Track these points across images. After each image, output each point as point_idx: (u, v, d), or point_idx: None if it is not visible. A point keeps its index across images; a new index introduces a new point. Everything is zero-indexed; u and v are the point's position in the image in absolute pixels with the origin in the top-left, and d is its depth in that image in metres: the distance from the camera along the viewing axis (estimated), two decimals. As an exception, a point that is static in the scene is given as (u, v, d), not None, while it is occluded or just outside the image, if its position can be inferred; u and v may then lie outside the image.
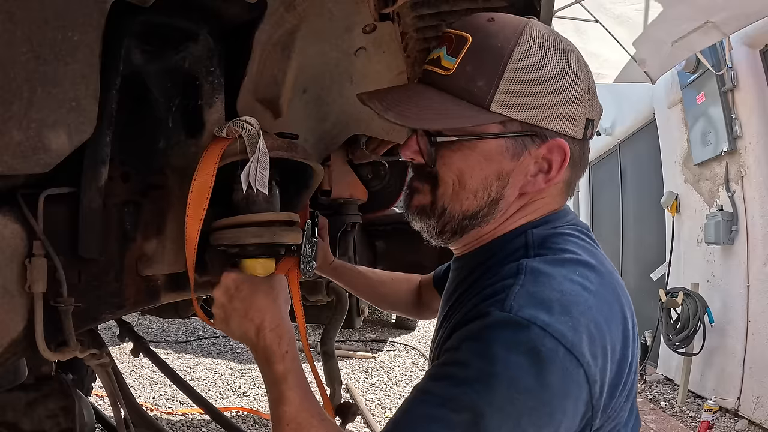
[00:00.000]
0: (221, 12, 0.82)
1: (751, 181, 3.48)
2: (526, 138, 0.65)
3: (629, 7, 3.26)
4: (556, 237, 0.67)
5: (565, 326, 0.56)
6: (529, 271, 0.61)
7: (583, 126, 0.67)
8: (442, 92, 0.66)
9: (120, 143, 0.78)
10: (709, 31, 3.04)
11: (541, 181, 0.67)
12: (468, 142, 0.65)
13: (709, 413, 3.25)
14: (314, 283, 1.72)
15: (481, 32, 0.65)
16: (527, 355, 0.54)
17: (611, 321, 0.62)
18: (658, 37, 3.33)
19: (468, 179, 0.67)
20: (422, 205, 0.72)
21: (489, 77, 0.63)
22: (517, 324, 0.56)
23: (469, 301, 0.65)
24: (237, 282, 0.76)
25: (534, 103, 0.63)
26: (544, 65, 0.63)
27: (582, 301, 0.59)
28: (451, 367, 0.59)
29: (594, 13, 3.47)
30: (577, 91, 0.65)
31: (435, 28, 1.28)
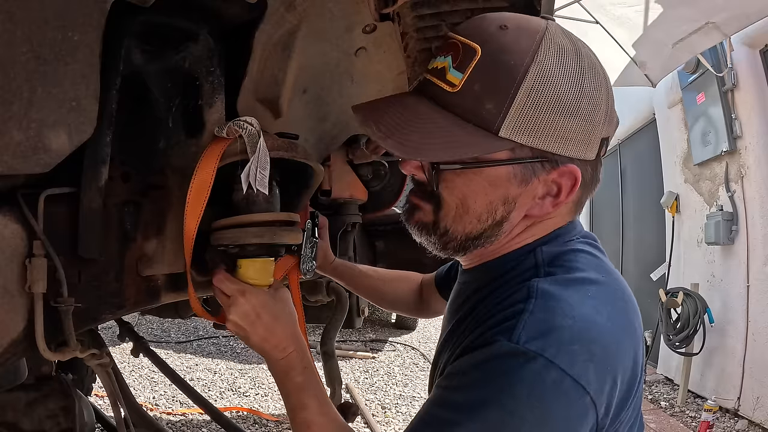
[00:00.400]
0: (221, 12, 0.82)
1: (751, 181, 3.48)
2: (536, 164, 0.61)
3: (629, 8, 3.25)
4: (566, 254, 0.65)
5: (572, 356, 0.55)
6: (540, 295, 0.59)
7: (598, 146, 0.62)
8: (445, 112, 0.60)
9: (120, 143, 0.78)
10: (709, 32, 3.03)
11: (549, 204, 0.64)
12: (473, 169, 0.61)
13: (709, 413, 3.25)
14: (314, 283, 1.72)
15: (492, 43, 0.58)
16: (532, 387, 0.54)
17: (622, 342, 0.61)
18: (658, 38, 3.31)
19: (472, 204, 0.64)
20: (423, 222, 0.69)
21: (499, 100, 0.57)
22: (524, 355, 0.54)
23: (478, 322, 0.63)
24: (256, 308, 0.78)
25: (548, 128, 0.58)
26: (561, 86, 0.57)
27: (593, 327, 0.58)
28: (455, 393, 0.59)
29: (594, 14, 3.46)
30: (594, 112, 0.59)
31: (435, 28, 1.28)
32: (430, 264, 1.79)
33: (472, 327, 0.64)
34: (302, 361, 0.79)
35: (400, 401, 3.79)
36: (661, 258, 4.78)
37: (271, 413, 3.44)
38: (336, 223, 1.52)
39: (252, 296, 0.79)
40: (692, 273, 4.12)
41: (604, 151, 0.64)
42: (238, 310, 0.78)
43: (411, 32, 1.27)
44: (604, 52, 3.70)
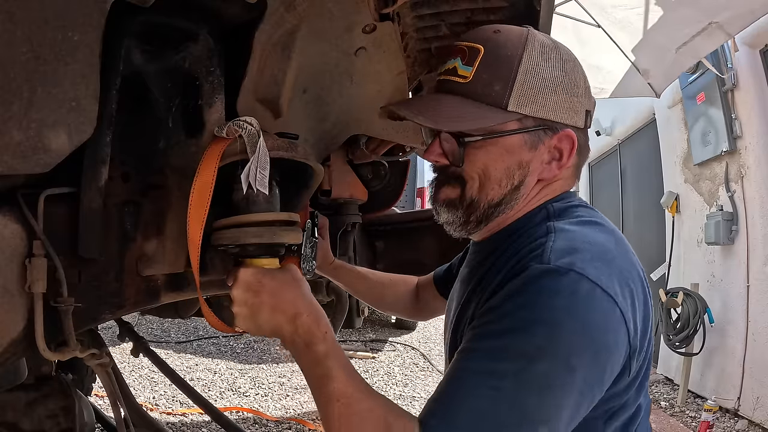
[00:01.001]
0: (221, 12, 0.82)
1: (751, 181, 3.48)
2: (539, 131, 0.74)
3: (631, 11, 3.22)
4: (572, 208, 0.76)
5: (598, 270, 0.63)
6: (559, 230, 0.69)
7: (584, 116, 0.77)
8: (462, 97, 0.74)
9: (120, 143, 0.78)
10: (713, 33, 2.98)
11: (555, 167, 0.76)
12: (491, 139, 0.73)
13: (709, 413, 3.25)
14: (314, 283, 1.72)
15: (490, 43, 0.73)
16: (568, 298, 0.61)
17: (632, 272, 0.69)
18: (661, 44, 3.27)
19: (493, 171, 0.75)
20: (450, 198, 0.78)
21: (504, 81, 0.71)
22: (555, 272, 0.62)
23: (503, 268, 0.71)
24: (258, 277, 0.75)
25: (543, 100, 0.72)
26: (548, 68, 0.73)
27: (608, 251, 0.68)
28: (494, 323, 0.64)
29: (595, 16, 3.43)
30: (576, 87, 0.75)
31: (435, 28, 1.28)
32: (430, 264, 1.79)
33: (495, 275, 0.72)
34: (320, 327, 0.73)
35: (400, 401, 3.79)
36: (661, 258, 4.78)
37: (271, 413, 3.44)
38: (336, 223, 1.52)
39: (252, 268, 0.77)
40: (692, 273, 4.12)
41: (589, 122, 0.79)
42: (240, 284, 0.75)
43: (411, 32, 1.27)
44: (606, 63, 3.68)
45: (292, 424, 3.27)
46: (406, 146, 1.48)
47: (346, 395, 0.68)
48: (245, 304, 0.76)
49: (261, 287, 0.75)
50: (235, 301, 0.76)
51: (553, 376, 0.59)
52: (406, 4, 1.13)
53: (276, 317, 0.74)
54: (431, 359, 4.92)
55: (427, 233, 1.79)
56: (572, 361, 0.60)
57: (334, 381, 0.69)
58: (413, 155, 1.72)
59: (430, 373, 4.54)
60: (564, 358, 0.59)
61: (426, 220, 1.81)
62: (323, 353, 0.71)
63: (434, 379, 4.33)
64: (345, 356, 0.73)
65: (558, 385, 0.60)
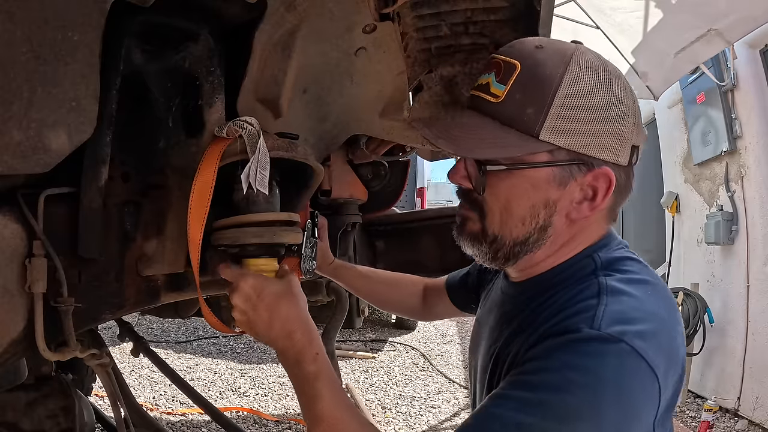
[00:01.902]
0: (221, 12, 0.82)
1: (751, 181, 3.47)
2: (573, 166, 0.65)
3: (630, 14, 3.21)
4: (620, 260, 0.69)
5: (647, 344, 0.59)
6: (610, 291, 0.64)
7: (629, 153, 0.67)
8: (491, 119, 0.66)
9: (120, 143, 0.78)
10: (712, 40, 2.97)
11: (586, 208, 0.68)
12: (517, 170, 0.66)
13: (709, 413, 3.25)
14: (314, 283, 1.72)
15: (529, 60, 0.65)
16: (614, 370, 0.58)
17: (677, 338, 0.66)
18: (659, 48, 3.25)
19: (515, 207, 0.68)
20: (473, 232, 0.73)
21: (538, 106, 0.63)
22: (606, 340, 0.58)
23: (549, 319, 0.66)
24: (257, 289, 0.76)
25: (582, 131, 0.63)
26: (592, 94, 0.63)
27: (659, 321, 0.63)
28: (534, 375, 0.61)
29: (594, 18, 3.43)
30: (623, 119, 0.65)
31: (435, 28, 1.28)
32: (430, 265, 1.79)
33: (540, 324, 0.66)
34: (312, 346, 0.74)
35: (400, 401, 3.79)
36: (661, 258, 4.78)
37: (271, 413, 3.44)
38: (336, 223, 1.52)
39: (252, 278, 0.77)
40: (692, 273, 4.12)
41: (635, 159, 0.69)
42: (239, 294, 0.76)
43: (411, 32, 1.27)
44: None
45: (292, 424, 3.27)
46: (406, 146, 1.48)
47: (333, 417, 0.68)
48: (244, 314, 0.77)
49: (259, 301, 0.76)
50: (235, 308, 0.77)
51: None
52: (406, 4, 1.13)
53: (271, 332, 0.76)
54: (431, 359, 4.92)
55: (427, 233, 1.78)
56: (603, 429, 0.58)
57: (321, 401, 0.69)
58: (413, 155, 1.71)
59: (430, 373, 4.54)
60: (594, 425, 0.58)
61: (426, 220, 1.81)
62: (313, 374, 0.72)
63: (434, 379, 4.33)
64: (335, 378, 0.74)
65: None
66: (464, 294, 1.09)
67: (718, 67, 3.59)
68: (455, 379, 4.35)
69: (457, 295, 1.14)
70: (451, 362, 4.90)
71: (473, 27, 1.29)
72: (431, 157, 1.83)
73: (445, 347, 5.47)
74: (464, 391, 4.07)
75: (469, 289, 1.06)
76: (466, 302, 1.10)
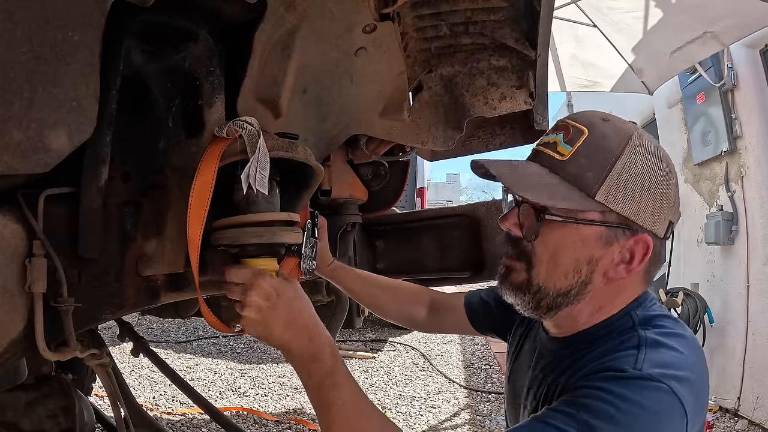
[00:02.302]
0: (221, 12, 0.82)
1: (751, 181, 3.48)
2: (619, 229, 0.72)
3: (627, 14, 3.23)
4: (656, 317, 0.75)
5: (684, 389, 0.65)
6: (650, 343, 0.70)
7: (666, 227, 0.75)
8: (554, 174, 0.73)
9: (120, 143, 0.78)
10: (707, 42, 3.00)
11: (623, 270, 0.74)
12: (570, 224, 0.72)
13: (709, 413, 3.25)
14: (314, 283, 1.72)
15: (596, 129, 0.73)
16: (654, 406, 0.63)
17: (706, 388, 0.73)
18: (656, 47, 3.28)
19: (562, 259, 0.74)
20: (518, 283, 0.78)
21: (599, 170, 0.70)
22: (649, 379, 0.64)
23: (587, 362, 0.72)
24: (277, 289, 0.76)
25: (632, 200, 0.71)
26: (645, 170, 0.71)
27: (694, 370, 0.69)
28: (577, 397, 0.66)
29: (592, 17, 3.44)
30: (667, 197, 0.73)
31: (435, 28, 1.28)
32: (430, 265, 1.79)
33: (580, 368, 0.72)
34: (329, 345, 0.75)
35: (400, 401, 3.79)
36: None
37: (271, 413, 3.44)
38: (336, 223, 1.52)
39: (269, 277, 0.77)
40: (692, 273, 4.12)
41: (669, 234, 0.77)
42: (259, 292, 0.75)
43: (411, 32, 1.27)
44: (601, 59, 3.71)
45: (292, 424, 3.27)
46: (406, 146, 1.48)
47: (357, 406, 0.71)
48: (259, 312, 0.75)
49: (279, 300, 0.75)
50: (249, 306, 0.75)
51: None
52: (406, 4, 1.13)
53: (287, 332, 0.75)
54: (431, 359, 4.92)
55: (427, 233, 1.78)
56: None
57: (343, 391, 0.72)
58: (413, 155, 1.71)
59: (430, 373, 4.54)
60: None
61: (426, 220, 1.81)
62: (332, 367, 0.73)
63: (434, 379, 4.33)
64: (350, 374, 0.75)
65: None
66: (486, 318, 1.14)
67: (717, 66, 3.59)
68: (455, 379, 4.35)
69: (476, 316, 1.17)
70: (451, 362, 4.90)
71: (473, 27, 1.29)
72: (431, 157, 1.83)
73: (445, 347, 5.47)
74: (464, 391, 4.07)
75: (493, 317, 1.11)
76: (484, 326, 1.15)
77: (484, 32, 1.29)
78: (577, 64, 3.89)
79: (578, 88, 4.19)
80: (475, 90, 1.36)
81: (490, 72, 1.36)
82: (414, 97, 1.36)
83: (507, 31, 1.28)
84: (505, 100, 1.36)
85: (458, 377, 4.41)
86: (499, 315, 1.11)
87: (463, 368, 4.71)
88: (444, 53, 1.35)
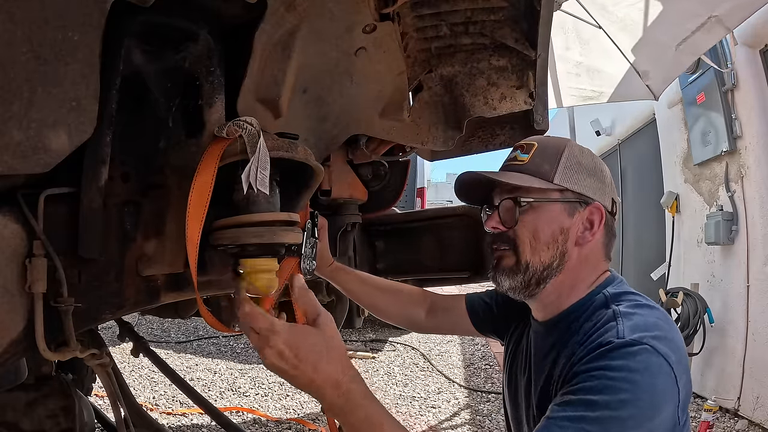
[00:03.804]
0: (221, 12, 0.82)
1: (751, 181, 3.47)
2: (576, 203, 0.93)
3: (632, 7, 3.22)
4: (624, 293, 0.90)
5: (663, 345, 0.77)
6: (623, 314, 0.84)
7: (611, 202, 0.96)
8: (520, 173, 0.94)
9: (120, 143, 0.78)
10: (713, 27, 2.97)
11: (589, 235, 0.93)
12: (539, 204, 0.92)
13: (709, 413, 3.25)
14: (314, 283, 1.72)
15: (542, 140, 0.98)
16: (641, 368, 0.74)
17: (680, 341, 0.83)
18: (661, 41, 3.26)
19: (541, 234, 0.92)
20: (510, 266, 0.94)
21: (552, 162, 0.94)
22: (631, 344, 0.77)
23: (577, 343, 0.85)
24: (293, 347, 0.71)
25: (579, 179, 0.93)
26: (583, 159, 0.95)
27: (665, 329, 0.81)
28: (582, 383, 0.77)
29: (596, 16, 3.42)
30: (604, 178, 0.97)
31: (435, 28, 1.28)
32: (430, 265, 1.79)
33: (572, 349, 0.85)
34: (361, 390, 0.74)
35: (400, 401, 3.79)
36: (661, 258, 4.78)
37: (271, 413, 3.44)
38: (336, 223, 1.52)
39: (286, 332, 0.71)
40: (692, 273, 4.12)
41: (615, 210, 0.97)
42: (273, 352, 0.71)
43: (411, 32, 1.27)
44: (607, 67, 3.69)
45: (292, 424, 3.27)
46: (406, 146, 1.48)
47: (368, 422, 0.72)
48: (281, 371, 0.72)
49: (298, 361, 0.71)
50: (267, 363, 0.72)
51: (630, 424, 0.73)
52: (406, 4, 1.13)
53: (313, 385, 0.72)
54: (431, 359, 4.92)
55: (427, 233, 1.78)
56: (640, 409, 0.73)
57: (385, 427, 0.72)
58: (413, 155, 1.71)
59: (430, 373, 4.54)
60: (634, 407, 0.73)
61: (426, 220, 1.81)
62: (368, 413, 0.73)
63: (434, 379, 4.34)
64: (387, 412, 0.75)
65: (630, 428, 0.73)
66: (488, 320, 1.22)
67: (717, 62, 3.59)
68: (455, 379, 4.35)
69: (478, 317, 1.23)
70: (451, 362, 4.90)
71: (473, 27, 1.29)
72: (431, 157, 1.83)
73: (445, 347, 5.47)
74: (464, 391, 4.07)
75: (494, 318, 1.20)
76: (486, 326, 1.23)
77: (484, 32, 1.29)
78: (583, 72, 3.85)
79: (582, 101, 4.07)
80: (475, 90, 1.36)
81: (490, 72, 1.36)
82: (414, 97, 1.36)
83: (507, 31, 1.28)
84: (505, 100, 1.36)
85: (458, 377, 4.41)
86: (499, 316, 1.18)
87: (463, 368, 4.71)
88: (444, 53, 1.35)
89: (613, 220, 0.97)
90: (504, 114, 1.37)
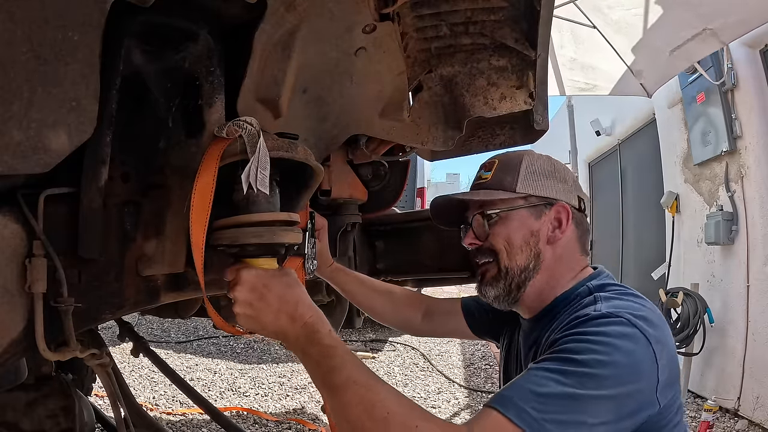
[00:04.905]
0: (221, 12, 0.82)
1: (751, 181, 3.47)
2: (540, 206, 0.98)
3: (627, 12, 3.22)
4: (608, 285, 0.93)
5: (639, 321, 0.79)
6: (603, 298, 0.87)
7: (577, 199, 1.01)
8: (486, 189, 1.00)
9: (120, 143, 0.78)
10: (707, 39, 2.99)
11: (559, 233, 0.98)
12: (506, 213, 0.98)
13: (709, 413, 3.25)
14: (314, 283, 1.72)
15: (502, 156, 1.04)
16: (620, 335, 0.76)
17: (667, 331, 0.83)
18: (655, 46, 3.27)
19: (514, 239, 0.97)
20: (493, 276, 0.99)
21: (512, 173, 0.99)
22: (608, 315, 0.80)
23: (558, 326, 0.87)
24: (262, 279, 0.78)
25: (541, 184, 0.99)
26: (542, 165, 1.01)
27: (645, 311, 0.83)
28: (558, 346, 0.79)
29: (591, 17, 3.43)
30: (566, 177, 1.02)
31: (435, 28, 1.28)
32: (430, 265, 1.79)
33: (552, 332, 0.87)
34: (325, 324, 0.78)
35: (400, 401, 3.78)
36: (661, 258, 4.78)
37: (271, 413, 3.44)
38: (335, 223, 1.52)
39: (255, 270, 0.79)
40: (692, 273, 4.12)
41: (583, 206, 1.02)
42: (243, 285, 0.77)
43: (411, 32, 1.27)
44: (601, 63, 3.71)
45: (292, 424, 3.27)
46: (406, 146, 1.48)
47: (361, 380, 0.71)
48: (249, 305, 0.77)
49: (266, 290, 0.77)
50: (238, 302, 0.77)
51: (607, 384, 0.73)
52: (406, 4, 1.13)
53: (279, 320, 0.77)
54: (431, 359, 4.92)
55: (427, 233, 1.78)
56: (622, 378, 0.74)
57: (345, 368, 0.72)
58: (413, 155, 1.71)
59: (430, 373, 4.54)
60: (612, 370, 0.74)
61: (426, 220, 1.81)
62: (332, 346, 0.75)
63: (434, 379, 4.33)
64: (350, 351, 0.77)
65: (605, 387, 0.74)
66: (483, 322, 1.25)
67: (718, 66, 3.59)
68: (455, 379, 4.35)
69: (474, 320, 1.27)
70: (451, 362, 4.90)
71: (473, 27, 1.29)
72: (431, 157, 1.83)
73: (445, 347, 5.47)
74: (464, 391, 4.07)
75: (489, 321, 1.24)
76: (481, 329, 1.26)
77: (484, 32, 1.29)
78: (576, 68, 3.89)
79: (577, 91, 4.21)
80: (475, 90, 1.36)
81: (490, 72, 1.36)
82: (414, 97, 1.36)
83: (507, 31, 1.28)
84: (505, 100, 1.36)
85: (458, 377, 4.41)
86: (494, 318, 1.21)
87: (463, 368, 4.71)
88: (444, 53, 1.35)
89: (583, 216, 1.02)
90: (504, 114, 1.37)
